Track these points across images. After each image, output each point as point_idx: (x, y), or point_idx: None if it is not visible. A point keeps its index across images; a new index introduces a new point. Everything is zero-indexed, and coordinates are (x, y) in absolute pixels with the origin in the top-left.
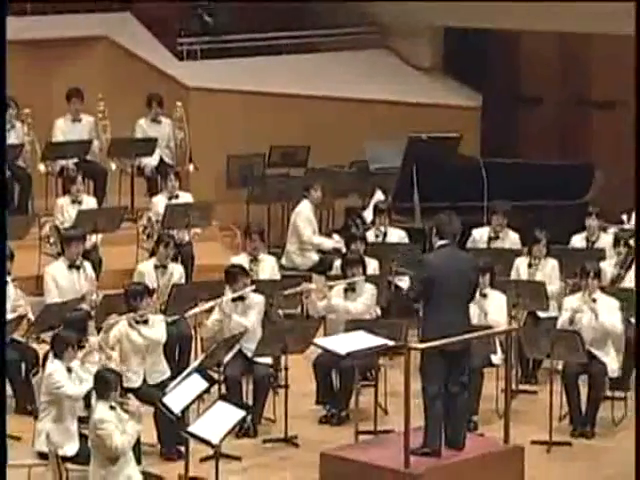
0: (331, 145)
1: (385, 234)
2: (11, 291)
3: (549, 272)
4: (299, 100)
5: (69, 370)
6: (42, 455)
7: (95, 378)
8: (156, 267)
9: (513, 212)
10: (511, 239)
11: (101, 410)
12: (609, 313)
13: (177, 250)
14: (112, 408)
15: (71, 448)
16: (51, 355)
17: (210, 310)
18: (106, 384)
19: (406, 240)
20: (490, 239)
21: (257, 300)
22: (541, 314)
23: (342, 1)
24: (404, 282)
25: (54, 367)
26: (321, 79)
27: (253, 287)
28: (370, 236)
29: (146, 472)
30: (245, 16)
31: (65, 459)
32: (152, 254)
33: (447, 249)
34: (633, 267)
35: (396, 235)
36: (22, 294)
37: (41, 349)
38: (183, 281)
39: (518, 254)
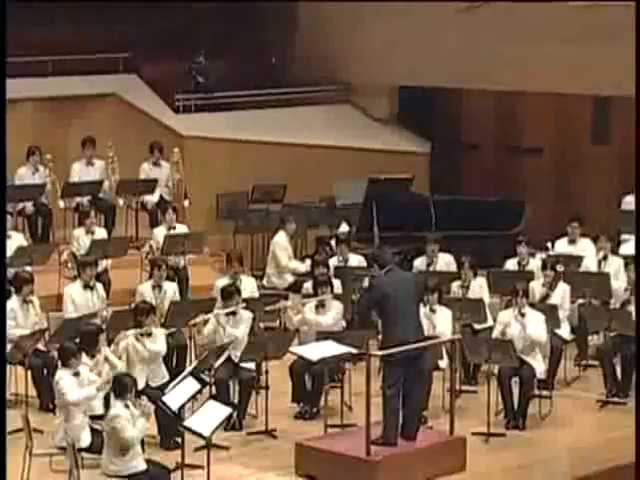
0: (304, 184)
1: (346, 260)
2: (32, 308)
3: (477, 289)
4: (277, 147)
5: (76, 374)
6: (61, 447)
7: (114, 381)
8: (153, 287)
9: (455, 240)
10: (445, 261)
11: (117, 407)
12: (536, 325)
13: (174, 272)
14: (126, 406)
15: (84, 441)
16: (59, 364)
17: (207, 321)
18: (123, 386)
19: (364, 264)
20: (428, 265)
21: (246, 315)
22: (476, 325)
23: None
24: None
25: (60, 375)
26: (295, 129)
27: (244, 304)
28: (334, 261)
29: (149, 460)
30: (232, 76)
31: (80, 449)
32: (150, 276)
33: (391, 272)
34: (559, 286)
35: (356, 260)
36: (39, 312)
37: None
38: (177, 297)
39: (454, 278)
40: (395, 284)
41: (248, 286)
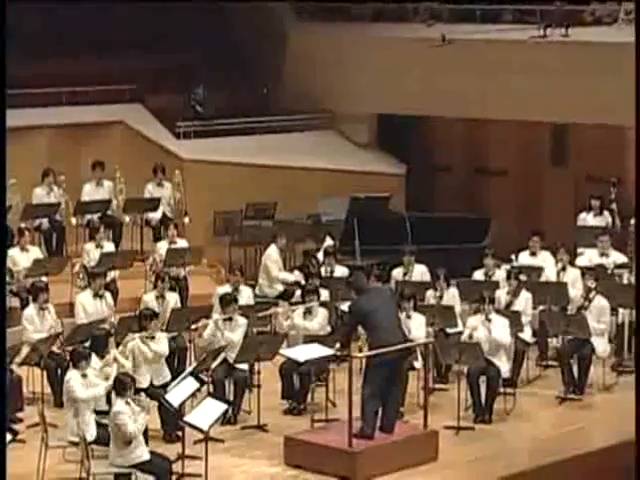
0: (292, 203)
1: (332, 270)
2: (47, 315)
3: (451, 298)
4: (268, 169)
5: (84, 376)
6: (72, 441)
7: (115, 381)
8: (157, 297)
9: (429, 253)
10: (420, 271)
11: (119, 405)
12: (501, 330)
13: (175, 282)
14: (127, 403)
15: (90, 435)
16: (70, 365)
17: (206, 326)
18: (123, 385)
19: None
20: (405, 274)
21: (242, 321)
22: (448, 330)
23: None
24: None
25: (70, 375)
26: (285, 153)
27: (240, 311)
28: (322, 272)
29: (153, 451)
30: (227, 105)
31: (90, 442)
32: (154, 287)
33: (369, 290)
34: (522, 294)
35: (340, 271)
36: (55, 318)
37: None
38: (178, 305)
39: (428, 287)
40: (374, 301)
41: (246, 294)
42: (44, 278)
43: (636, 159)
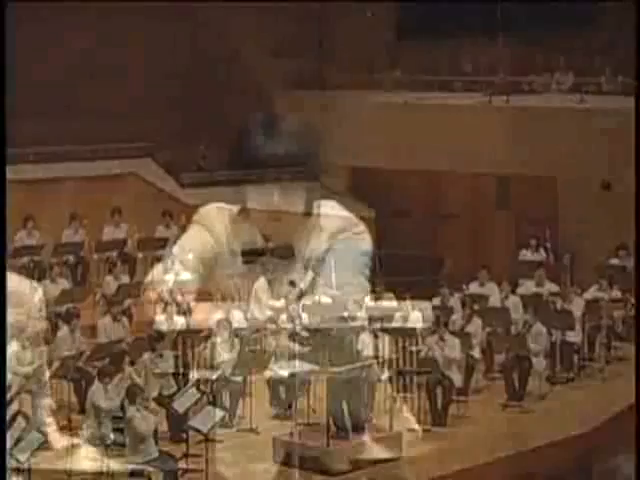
0: (280, 240)
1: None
2: (76, 335)
3: (415, 320)
4: (259, 213)
5: (106, 390)
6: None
7: (127, 390)
8: (166, 319)
9: (394, 284)
10: (387, 298)
11: (131, 411)
12: (453, 348)
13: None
14: (138, 410)
15: (108, 437)
16: (96, 378)
17: (206, 345)
18: (135, 394)
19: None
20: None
21: (236, 341)
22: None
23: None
24: None
25: (95, 388)
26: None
27: (235, 333)
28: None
29: (162, 450)
30: (226, 159)
31: (108, 443)
32: (164, 311)
33: None
34: (473, 320)
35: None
36: (81, 337)
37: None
38: (184, 328)
39: (396, 310)
40: None
41: (237, 318)
42: (70, 304)
43: (635, 196)
